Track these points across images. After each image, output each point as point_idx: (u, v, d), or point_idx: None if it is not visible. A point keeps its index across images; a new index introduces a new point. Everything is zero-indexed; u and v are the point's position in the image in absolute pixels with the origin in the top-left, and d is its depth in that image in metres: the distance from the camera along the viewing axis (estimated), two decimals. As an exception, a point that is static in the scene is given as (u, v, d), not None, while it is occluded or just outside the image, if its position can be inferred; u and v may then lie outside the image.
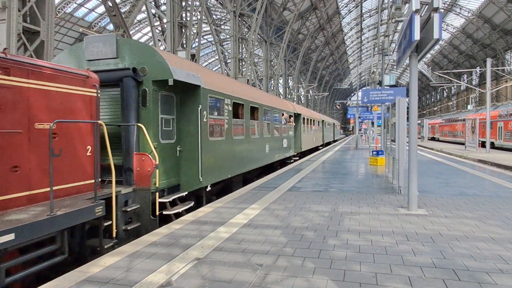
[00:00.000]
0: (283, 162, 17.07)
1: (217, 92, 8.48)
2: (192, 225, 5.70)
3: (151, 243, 4.80)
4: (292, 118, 18.15)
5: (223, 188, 9.80)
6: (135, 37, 46.59)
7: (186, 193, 7.40)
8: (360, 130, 38.85)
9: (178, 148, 7.39)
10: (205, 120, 7.62)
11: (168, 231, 5.34)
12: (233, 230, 5.37)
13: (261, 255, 4.28)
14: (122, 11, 14.60)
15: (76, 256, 5.11)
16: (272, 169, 14.63)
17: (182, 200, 7.43)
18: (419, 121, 53.28)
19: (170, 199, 6.81)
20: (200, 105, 7.42)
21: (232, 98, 9.51)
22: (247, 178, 11.77)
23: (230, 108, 9.35)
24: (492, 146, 27.29)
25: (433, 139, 53.27)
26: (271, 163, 14.10)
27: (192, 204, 7.31)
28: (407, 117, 7.49)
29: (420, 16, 5.63)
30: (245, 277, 3.62)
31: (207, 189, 8.17)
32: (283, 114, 16.01)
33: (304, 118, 21.44)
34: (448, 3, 51.42)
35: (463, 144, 29.46)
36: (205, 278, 3.62)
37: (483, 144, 24.41)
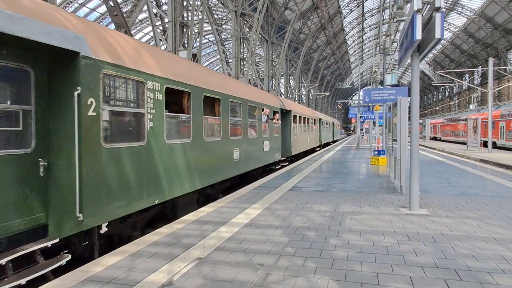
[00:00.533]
0: (267, 169, 14.66)
1: (126, 69, 5.41)
2: (193, 224, 5.71)
3: (152, 242, 4.81)
4: (277, 115, 15.21)
5: (153, 219, 6.89)
6: (137, 37, 46.61)
7: (57, 240, 4.43)
8: (361, 129, 38.77)
9: (41, 163, 4.43)
10: (92, 113, 4.68)
11: (169, 231, 5.35)
12: (234, 229, 5.37)
13: (263, 255, 4.28)
14: (124, 10, 14.61)
15: None
16: (250, 179, 12.21)
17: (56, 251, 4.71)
18: (421, 121, 53.16)
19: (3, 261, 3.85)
20: (80, 88, 4.46)
21: (163, 81, 6.39)
22: (208, 194, 9.06)
23: (160, 97, 6.29)
24: (494, 145, 27.26)
25: (434, 138, 53.19)
26: (244, 173, 11.11)
27: (65, 261, 4.40)
28: (409, 117, 7.47)
29: (422, 15, 5.62)
30: (247, 277, 3.62)
31: (102, 231, 5.00)
32: (262, 110, 13.00)
33: (295, 116, 18.56)
34: (450, 2, 51.30)
35: (465, 143, 29.43)
36: (207, 277, 3.62)
37: (485, 144, 24.35)
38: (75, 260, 4.76)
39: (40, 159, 4.43)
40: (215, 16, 36.14)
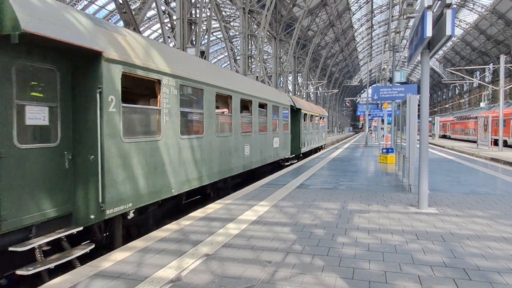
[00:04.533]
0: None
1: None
2: (201, 221, 5.74)
3: (161, 238, 4.85)
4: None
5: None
6: (145, 34, 46.85)
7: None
8: (369, 127, 38.53)
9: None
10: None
11: (178, 227, 5.39)
12: (242, 226, 5.39)
13: (270, 252, 4.29)
14: (132, 8, 14.68)
15: None
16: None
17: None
18: (430, 119, 52.67)
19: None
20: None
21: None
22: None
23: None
24: (505, 144, 26.86)
25: (444, 136, 52.65)
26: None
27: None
28: (418, 115, 7.40)
29: (433, 12, 5.55)
30: (254, 274, 3.64)
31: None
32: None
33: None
34: (461, -2, 50.62)
35: (475, 142, 29.06)
36: (215, 274, 3.65)
37: (495, 142, 24.04)
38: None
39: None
40: (223, 13, 36.12)
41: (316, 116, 22.50)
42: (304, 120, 18.30)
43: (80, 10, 5.39)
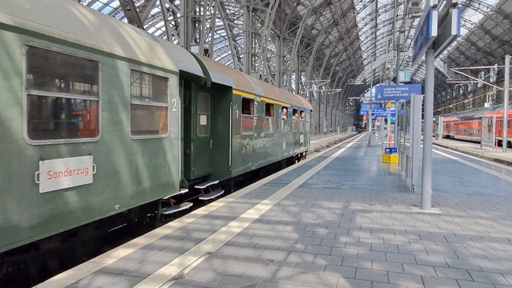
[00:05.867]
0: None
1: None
2: (204, 219, 5.75)
3: (163, 236, 4.86)
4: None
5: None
6: (149, 32, 46.89)
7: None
8: (373, 127, 38.41)
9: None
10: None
11: (180, 225, 5.40)
12: (244, 225, 5.40)
13: (272, 250, 4.29)
14: (136, 5, 14.70)
15: None
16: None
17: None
18: (434, 119, 52.39)
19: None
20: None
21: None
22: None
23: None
24: (509, 145, 26.71)
25: (448, 137, 52.42)
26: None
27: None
28: (422, 115, 7.37)
29: (438, 11, 5.51)
30: (256, 272, 3.64)
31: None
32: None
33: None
34: (466, -2, 50.29)
35: (479, 142, 28.93)
36: (217, 271, 3.66)
37: (499, 143, 23.92)
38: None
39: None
40: (227, 11, 36.08)
41: (285, 107, 14.16)
42: (247, 110, 10.45)
43: (86, 6, 5.36)
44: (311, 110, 20.23)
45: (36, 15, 3.88)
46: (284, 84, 37.49)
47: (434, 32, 5.48)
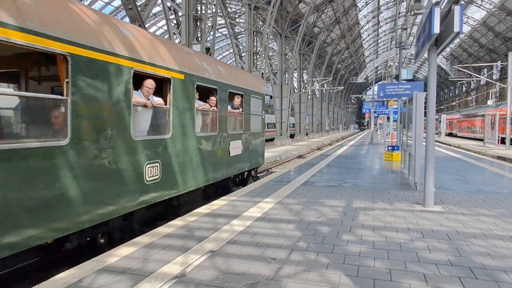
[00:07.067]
0: None
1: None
2: (206, 217, 5.76)
3: (166, 234, 4.87)
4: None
5: None
6: (151, 31, 46.86)
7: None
8: (375, 124, 38.30)
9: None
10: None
11: (183, 223, 5.41)
12: (247, 223, 5.40)
13: (275, 248, 4.29)
14: (138, 4, 14.71)
15: None
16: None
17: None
18: (437, 116, 52.22)
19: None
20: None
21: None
22: None
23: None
24: (512, 142, 26.56)
25: (450, 134, 52.24)
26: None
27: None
28: (425, 112, 7.35)
29: (440, 8, 5.48)
30: (259, 270, 3.65)
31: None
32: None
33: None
34: (469, -5, 50.00)
35: (481, 140, 28.80)
36: (219, 270, 3.66)
37: (502, 141, 23.82)
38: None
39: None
40: (229, 9, 36.04)
41: (183, 79, 6.59)
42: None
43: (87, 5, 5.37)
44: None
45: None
46: (286, 82, 37.41)
47: (436, 29, 5.45)
